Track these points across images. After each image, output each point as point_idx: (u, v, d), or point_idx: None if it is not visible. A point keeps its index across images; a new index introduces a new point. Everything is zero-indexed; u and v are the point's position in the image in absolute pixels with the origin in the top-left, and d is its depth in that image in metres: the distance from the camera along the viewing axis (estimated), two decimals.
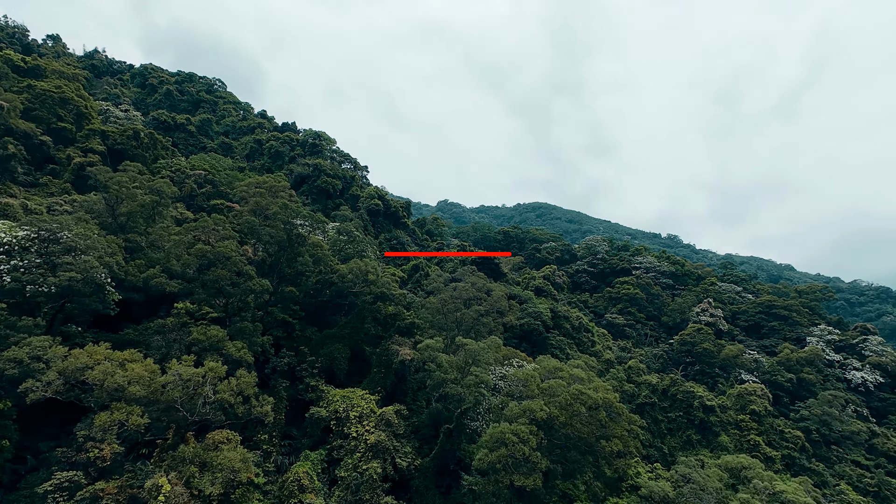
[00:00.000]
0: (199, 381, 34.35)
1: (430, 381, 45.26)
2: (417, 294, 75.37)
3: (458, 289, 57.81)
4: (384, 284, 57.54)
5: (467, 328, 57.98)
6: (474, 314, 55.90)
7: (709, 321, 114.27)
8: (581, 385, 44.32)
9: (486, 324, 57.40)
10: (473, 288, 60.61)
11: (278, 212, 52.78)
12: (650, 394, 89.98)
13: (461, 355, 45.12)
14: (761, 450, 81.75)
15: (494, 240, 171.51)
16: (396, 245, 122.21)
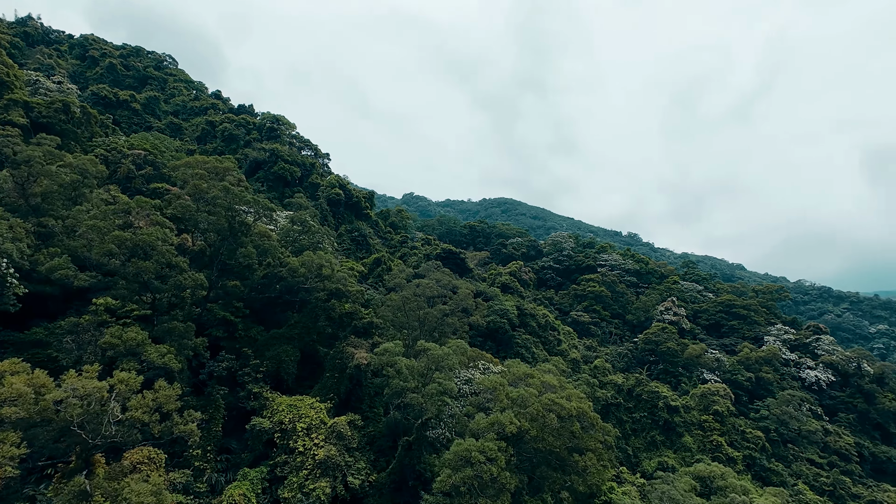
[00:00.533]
0: (103, 396, 28.14)
1: (387, 390, 40.28)
2: (379, 290, 69.94)
3: (422, 286, 52.93)
4: (340, 279, 51.94)
5: (431, 328, 53.26)
6: (438, 313, 51.21)
7: (672, 320, 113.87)
8: (553, 394, 40.38)
9: (450, 324, 52.84)
10: (438, 285, 55.89)
11: (218, 196, 46.22)
12: (616, 394, 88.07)
13: (423, 361, 40.36)
14: (724, 450, 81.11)
15: (460, 234, 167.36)
16: (358, 237, 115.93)
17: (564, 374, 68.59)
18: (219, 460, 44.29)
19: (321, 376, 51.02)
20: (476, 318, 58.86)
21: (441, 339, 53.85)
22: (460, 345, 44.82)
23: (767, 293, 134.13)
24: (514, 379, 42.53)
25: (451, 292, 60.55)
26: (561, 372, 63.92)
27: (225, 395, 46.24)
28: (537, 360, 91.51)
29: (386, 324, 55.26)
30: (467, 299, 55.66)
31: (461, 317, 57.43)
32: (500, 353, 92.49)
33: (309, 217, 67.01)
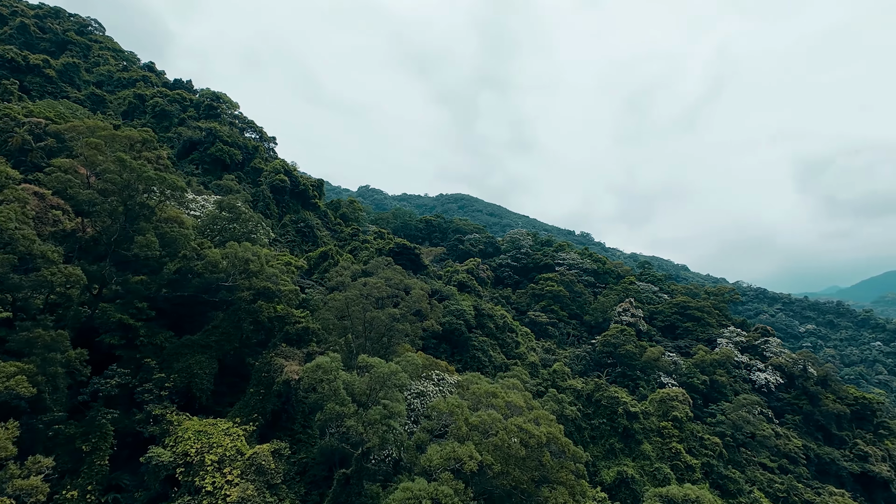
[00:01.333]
0: None
1: (320, 415, 32.45)
2: (324, 288, 61.38)
3: (369, 285, 45.17)
4: (270, 276, 43.36)
5: (378, 334, 45.70)
6: (387, 318, 43.68)
7: (630, 321, 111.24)
8: (520, 418, 33.93)
9: (401, 330, 45.48)
10: (388, 285, 48.27)
11: (110, 169, 36.60)
12: (574, 400, 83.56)
13: (366, 380, 32.85)
14: (682, 458, 78.22)
15: (416, 228, 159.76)
16: (304, 228, 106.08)
17: (527, 385, 62.68)
18: (104, 502, 35.04)
19: (244, 392, 42.37)
20: (431, 323, 51.78)
21: (390, 346, 46.41)
22: (411, 359, 37.49)
23: (719, 295, 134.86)
24: (474, 399, 35.81)
25: (404, 292, 53.15)
26: (524, 384, 57.95)
27: (116, 419, 36.87)
28: (495, 365, 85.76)
29: (327, 329, 47.15)
30: (421, 301, 48.48)
31: (414, 321, 50.17)
32: (455, 357, 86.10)
33: (242, 203, 57.53)
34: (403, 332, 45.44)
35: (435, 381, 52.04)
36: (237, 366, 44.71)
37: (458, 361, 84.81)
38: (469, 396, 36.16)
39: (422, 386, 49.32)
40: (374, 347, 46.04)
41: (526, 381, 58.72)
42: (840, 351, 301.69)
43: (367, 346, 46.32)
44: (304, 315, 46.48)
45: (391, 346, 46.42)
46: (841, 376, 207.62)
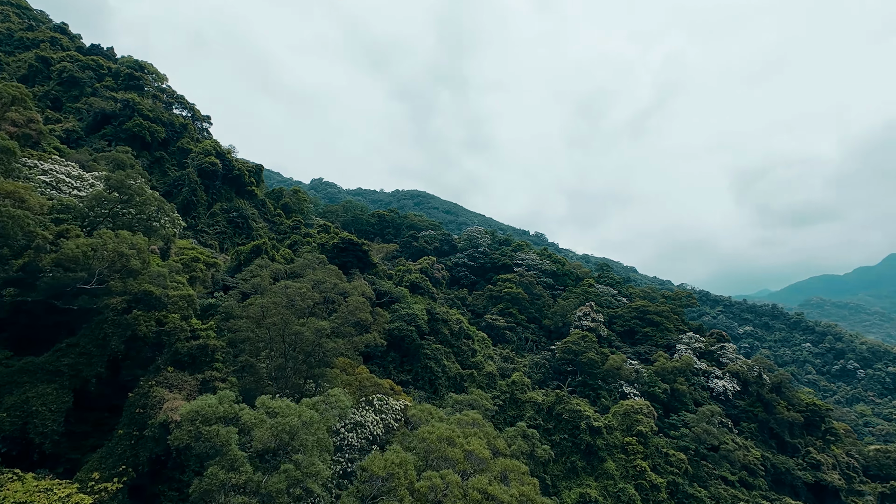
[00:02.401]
0: None
1: (197, 484, 21.88)
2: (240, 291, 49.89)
3: (292, 290, 34.66)
4: (154, 277, 32.17)
5: (304, 354, 35.35)
6: (313, 335, 33.36)
7: (590, 326, 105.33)
8: (483, 477, 24.79)
9: (334, 349, 35.29)
10: (318, 290, 37.91)
11: None
12: (534, 415, 76.03)
13: (269, 430, 22.55)
14: (647, 476, 72.24)
15: (367, 223, 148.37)
16: (237, 219, 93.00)
17: (486, 411, 53.75)
18: None
19: (110, 435, 30.92)
20: (373, 336, 41.71)
21: (318, 370, 36.16)
22: (340, 400, 27.32)
23: (677, 300, 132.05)
24: (424, 449, 26.42)
25: (342, 297, 42.96)
26: (485, 412, 48.98)
27: None
28: (449, 376, 76.77)
29: (237, 347, 36.29)
30: (361, 310, 38.51)
31: (353, 333, 40.12)
32: (405, 366, 76.49)
33: (135, 178, 45.22)
34: (337, 350, 35.37)
35: (377, 406, 42.24)
36: (107, 396, 33.10)
37: (407, 372, 75.31)
38: (417, 444, 26.81)
39: (359, 415, 39.38)
40: (297, 369, 35.65)
41: (487, 407, 49.83)
42: (774, 352, 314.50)
43: (290, 369, 35.84)
44: (207, 327, 35.43)
45: (320, 368, 36.18)
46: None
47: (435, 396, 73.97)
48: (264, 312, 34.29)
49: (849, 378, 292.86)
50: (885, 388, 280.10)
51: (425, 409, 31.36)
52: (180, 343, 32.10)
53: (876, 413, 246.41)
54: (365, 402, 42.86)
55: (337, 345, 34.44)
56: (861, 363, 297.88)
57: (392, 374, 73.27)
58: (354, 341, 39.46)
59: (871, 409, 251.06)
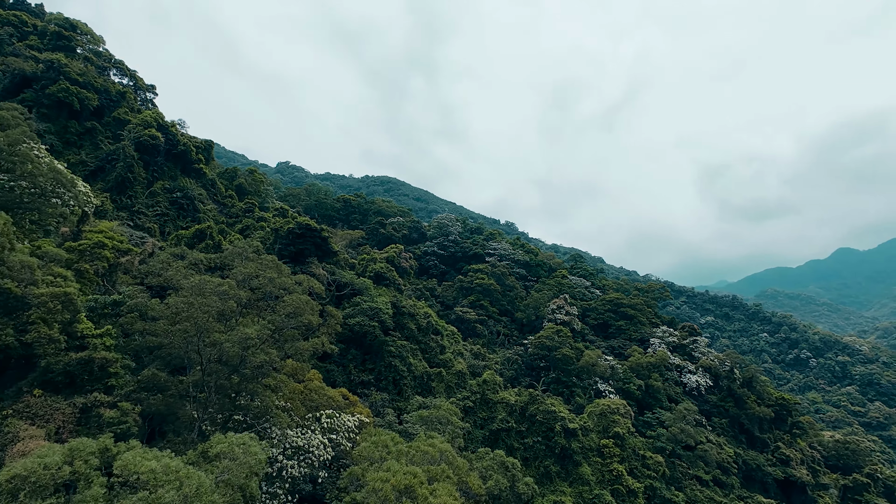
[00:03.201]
0: None
1: None
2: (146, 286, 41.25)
3: (210, 286, 26.66)
4: (14, 269, 23.77)
5: (230, 367, 27.79)
6: (237, 345, 25.68)
7: (564, 320, 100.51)
8: None
9: (265, 362, 27.62)
10: (247, 286, 30.12)
11: None
12: (507, 417, 70.43)
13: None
14: (624, 481, 67.86)
15: (332, 208, 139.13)
16: (181, 200, 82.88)
17: (459, 432, 47.08)
18: None
19: None
20: (320, 342, 34.32)
21: (251, 384, 28.63)
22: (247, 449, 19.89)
23: (650, 292, 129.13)
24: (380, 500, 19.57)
25: (285, 292, 35.30)
26: (454, 435, 42.17)
27: None
28: (415, 375, 70.09)
29: (148, 357, 28.36)
30: (305, 311, 30.97)
31: (296, 337, 32.62)
32: (367, 365, 69.35)
33: (37, 147, 36.01)
34: (270, 362, 27.76)
35: (324, 423, 35.09)
36: None
37: (370, 371, 68.27)
38: (369, 500, 19.93)
39: (301, 438, 32.25)
40: (220, 386, 28.05)
41: (457, 425, 43.24)
42: (733, 341, 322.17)
43: (212, 385, 28.17)
44: (102, 333, 27.33)
45: (251, 383, 28.70)
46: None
47: (399, 398, 67.30)
48: (178, 315, 26.50)
49: (802, 367, 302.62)
50: (835, 377, 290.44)
51: (380, 440, 24.49)
52: (52, 358, 24.00)
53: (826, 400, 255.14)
54: (313, 419, 35.66)
55: (270, 357, 27.06)
56: (813, 353, 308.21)
57: (352, 374, 66.12)
58: (298, 348, 32.03)
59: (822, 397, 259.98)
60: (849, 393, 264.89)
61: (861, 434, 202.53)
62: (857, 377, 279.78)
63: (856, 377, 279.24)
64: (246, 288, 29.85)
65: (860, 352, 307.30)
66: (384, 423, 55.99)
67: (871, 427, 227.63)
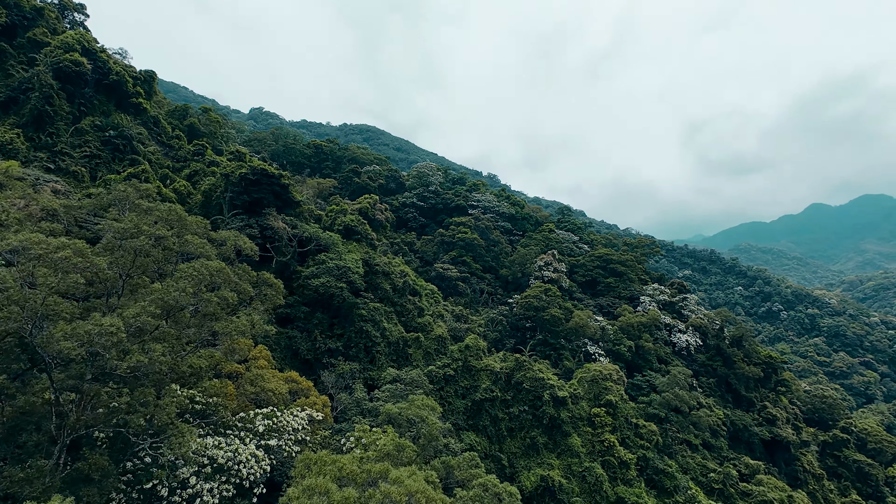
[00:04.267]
0: None
1: None
2: None
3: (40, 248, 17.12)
4: None
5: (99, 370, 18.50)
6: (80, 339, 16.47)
7: (552, 277, 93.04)
8: None
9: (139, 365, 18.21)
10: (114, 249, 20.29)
11: None
12: (491, 385, 63.49)
13: None
14: (616, 452, 62.45)
15: (302, 155, 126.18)
16: (116, 139, 70.15)
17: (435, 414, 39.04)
18: None
19: None
20: (249, 321, 24.93)
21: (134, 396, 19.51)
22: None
23: (639, 247, 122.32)
24: None
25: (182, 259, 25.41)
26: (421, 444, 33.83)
27: None
28: (389, 341, 62.02)
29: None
30: (221, 282, 21.47)
31: (218, 315, 23.28)
32: (336, 330, 60.81)
33: None
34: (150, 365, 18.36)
35: (258, 428, 26.39)
36: None
37: (338, 337, 59.83)
38: None
39: (226, 451, 23.58)
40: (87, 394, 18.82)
41: (433, 425, 35.14)
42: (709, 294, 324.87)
43: (73, 400, 18.81)
44: None
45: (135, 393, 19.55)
46: None
47: (372, 366, 59.47)
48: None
49: (773, 319, 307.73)
50: (804, 328, 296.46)
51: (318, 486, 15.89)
52: None
53: (794, 351, 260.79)
54: (248, 419, 26.99)
55: (152, 357, 17.69)
56: (785, 305, 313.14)
57: (318, 340, 57.63)
58: (221, 331, 22.78)
59: (790, 348, 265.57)
60: (816, 344, 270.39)
61: (825, 383, 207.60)
62: (825, 329, 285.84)
63: (823, 329, 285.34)
64: (110, 252, 20.13)
65: (829, 305, 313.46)
66: (352, 401, 48.07)
67: (834, 376, 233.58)
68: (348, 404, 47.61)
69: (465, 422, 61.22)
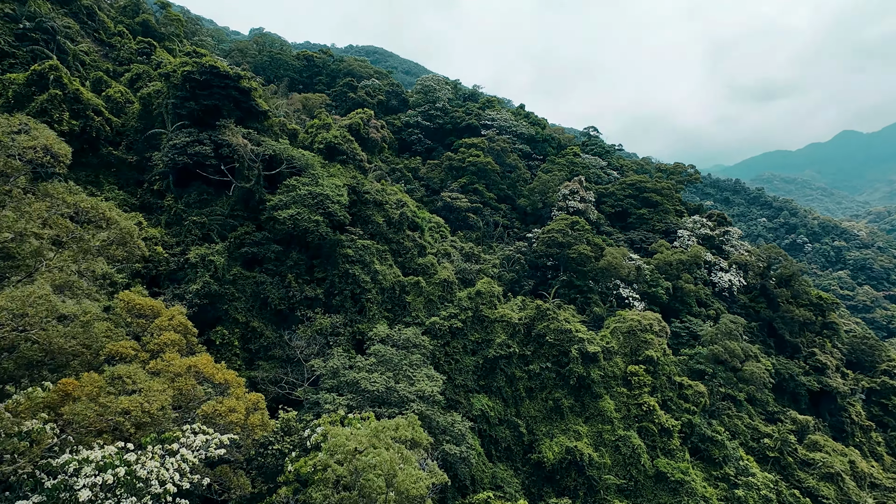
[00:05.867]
0: None
1: None
2: None
3: None
4: None
5: None
6: None
7: (578, 208, 78.38)
8: None
9: None
10: None
11: None
12: (507, 339, 51.36)
13: None
14: (656, 417, 51.38)
15: (291, 68, 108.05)
16: (32, 31, 54.16)
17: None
18: None
19: None
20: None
21: None
22: None
23: (676, 174, 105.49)
24: None
25: None
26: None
27: None
28: (382, 287, 49.35)
29: None
30: None
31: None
32: (316, 273, 48.27)
33: None
34: None
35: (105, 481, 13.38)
36: None
37: (319, 283, 47.35)
38: None
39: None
40: None
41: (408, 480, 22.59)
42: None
43: None
44: None
45: None
46: None
47: (361, 318, 47.37)
48: None
49: (796, 252, 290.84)
50: (828, 261, 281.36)
51: None
52: None
53: (816, 285, 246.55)
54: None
55: None
56: (810, 237, 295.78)
57: (292, 287, 45.12)
58: None
59: (813, 281, 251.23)
60: (840, 277, 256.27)
61: (847, 317, 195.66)
62: (851, 262, 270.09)
63: (849, 262, 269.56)
64: None
65: (857, 237, 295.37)
66: (327, 370, 36.08)
67: (856, 310, 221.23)
68: (324, 374, 35.91)
69: (474, 382, 50.13)
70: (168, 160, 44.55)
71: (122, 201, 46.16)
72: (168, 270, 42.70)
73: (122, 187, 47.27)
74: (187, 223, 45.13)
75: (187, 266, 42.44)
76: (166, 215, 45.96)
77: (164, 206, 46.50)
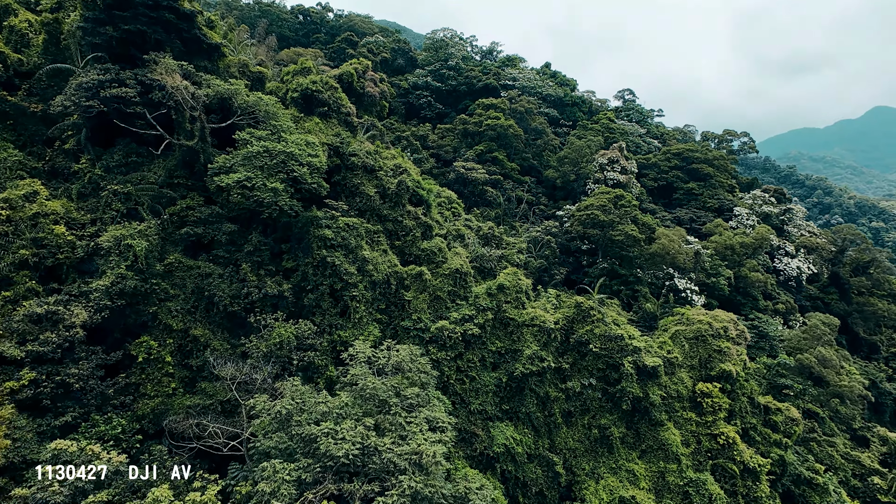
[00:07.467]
0: None
1: None
2: None
3: None
4: None
5: None
6: None
7: (619, 180, 63.87)
8: None
9: None
10: None
11: None
12: (539, 350, 38.05)
13: None
14: (736, 453, 38.01)
15: (284, 22, 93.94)
16: None
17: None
18: None
19: None
20: None
21: None
22: None
23: (726, 141, 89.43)
24: None
25: None
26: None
27: None
28: (373, 280, 36.24)
29: None
30: None
31: None
32: (284, 262, 35.46)
33: None
34: None
35: None
36: None
37: (287, 275, 34.60)
38: None
39: None
40: None
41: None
42: None
43: None
44: None
45: None
46: None
47: (345, 323, 34.43)
48: None
49: None
50: None
51: None
52: None
53: None
54: None
55: None
56: (846, 218, 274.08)
57: (248, 280, 32.33)
58: None
59: None
60: None
61: None
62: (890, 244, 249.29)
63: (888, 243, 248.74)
64: None
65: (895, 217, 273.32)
66: (274, 419, 23.38)
67: None
68: (265, 421, 23.08)
69: (496, 407, 37.41)
70: (73, 106, 31.59)
71: (19, 164, 33.69)
72: (73, 259, 30.36)
73: (21, 146, 34.76)
74: (106, 194, 32.43)
75: (99, 253, 30.05)
76: (79, 183, 33.32)
77: (77, 172, 33.87)
